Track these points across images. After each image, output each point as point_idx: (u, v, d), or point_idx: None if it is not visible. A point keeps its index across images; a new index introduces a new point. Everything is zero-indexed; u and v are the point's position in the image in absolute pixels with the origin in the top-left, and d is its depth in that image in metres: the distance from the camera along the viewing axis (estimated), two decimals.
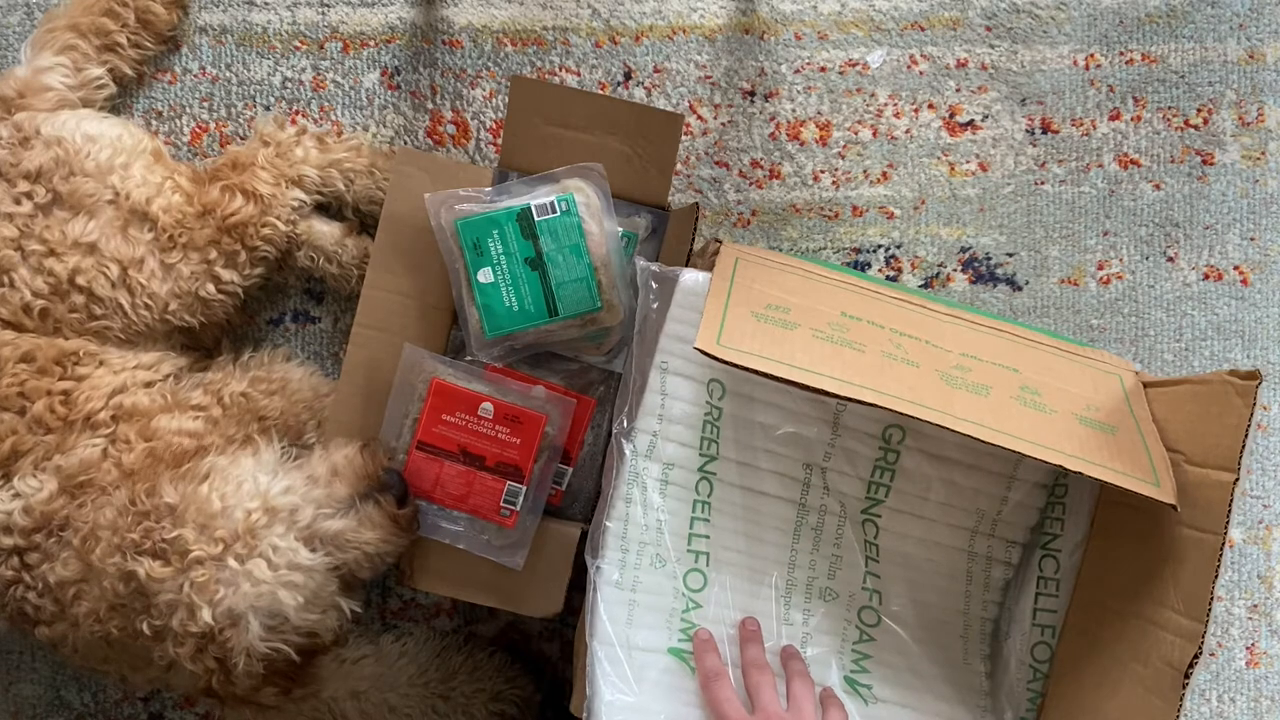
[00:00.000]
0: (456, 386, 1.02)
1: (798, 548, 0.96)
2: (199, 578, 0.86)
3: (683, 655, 0.92)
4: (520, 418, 1.02)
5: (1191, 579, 0.81)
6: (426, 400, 1.02)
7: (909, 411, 0.81)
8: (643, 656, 0.91)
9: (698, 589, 0.93)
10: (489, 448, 1.02)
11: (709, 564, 0.94)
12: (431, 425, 1.02)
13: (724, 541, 0.95)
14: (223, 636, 0.87)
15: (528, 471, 1.02)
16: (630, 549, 0.93)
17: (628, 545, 0.93)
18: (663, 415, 0.94)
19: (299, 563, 0.89)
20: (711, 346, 0.82)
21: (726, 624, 0.93)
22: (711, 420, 0.94)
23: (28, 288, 1.00)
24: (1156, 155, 1.26)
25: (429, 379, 1.02)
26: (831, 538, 0.96)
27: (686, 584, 0.93)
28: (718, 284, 0.90)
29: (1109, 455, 0.84)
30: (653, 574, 0.93)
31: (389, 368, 1.04)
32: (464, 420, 1.02)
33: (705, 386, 0.94)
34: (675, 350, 0.93)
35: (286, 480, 0.93)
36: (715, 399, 0.93)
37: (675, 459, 0.94)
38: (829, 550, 0.96)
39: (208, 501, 0.89)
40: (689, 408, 0.94)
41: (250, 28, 1.23)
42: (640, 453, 0.94)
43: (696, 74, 1.24)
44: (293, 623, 0.90)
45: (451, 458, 1.02)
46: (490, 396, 1.02)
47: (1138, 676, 0.84)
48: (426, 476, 1.02)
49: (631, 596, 0.92)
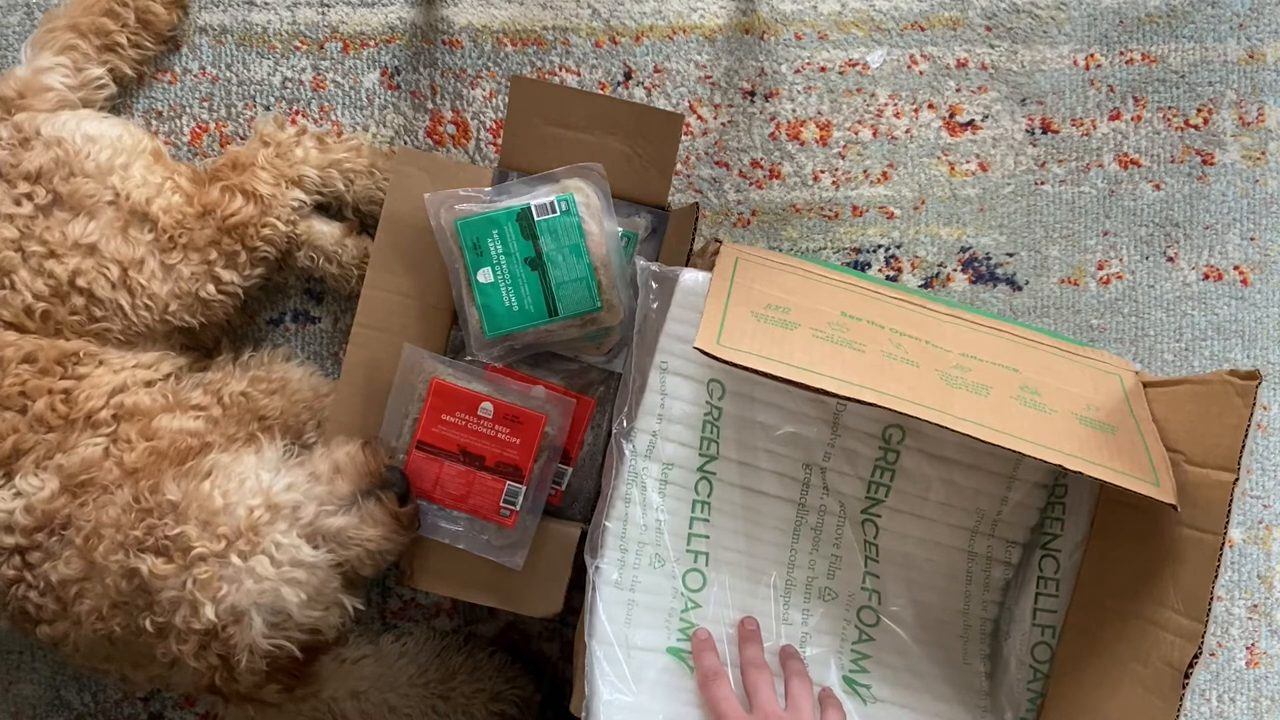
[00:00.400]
0: (456, 386, 1.02)
1: (797, 547, 0.96)
2: (202, 575, 0.86)
3: (681, 655, 0.92)
4: (520, 418, 1.02)
5: (1191, 579, 0.81)
6: (426, 400, 1.02)
7: (909, 411, 0.81)
8: (641, 656, 0.91)
9: (697, 589, 0.93)
10: (489, 448, 1.02)
11: (708, 564, 0.94)
12: (431, 425, 1.02)
13: (723, 541, 0.95)
14: (226, 634, 0.87)
15: (527, 471, 1.02)
16: (629, 549, 0.93)
17: (627, 545, 0.93)
18: (662, 415, 0.94)
19: (301, 559, 0.89)
20: (711, 346, 0.82)
21: (725, 623, 0.93)
22: (711, 420, 0.94)
23: (29, 290, 1.00)
24: (1156, 155, 1.26)
25: (429, 379, 1.02)
26: (831, 538, 0.96)
27: (685, 584, 0.93)
28: (718, 284, 0.90)
29: (1109, 455, 0.84)
30: (652, 574, 0.93)
31: (389, 368, 1.04)
32: (464, 420, 1.02)
33: (705, 386, 0.94)
34: (675, 350, 0.93)
35: (289, 477, 0.93)
36: (715, 399, 0.93)
37: (675, 459, 0.94)
38: (828, 550, 0.96)
39: (210, 498, 0.89)
40: (689, 407, 0.94)
41: (250, 28, 1.23)
42: (640, 453, 0.94)
43: (696, 74, 1.24)
44: (296, 620, 0.90)
45: (451, 458, 1.02)
46: (490, 396, 1.02)
47: (1138, 676, 0.84)
48: (426, 476, 1.02)
49: (630, 596, 0.92)
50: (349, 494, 0.94)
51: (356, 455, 0.96)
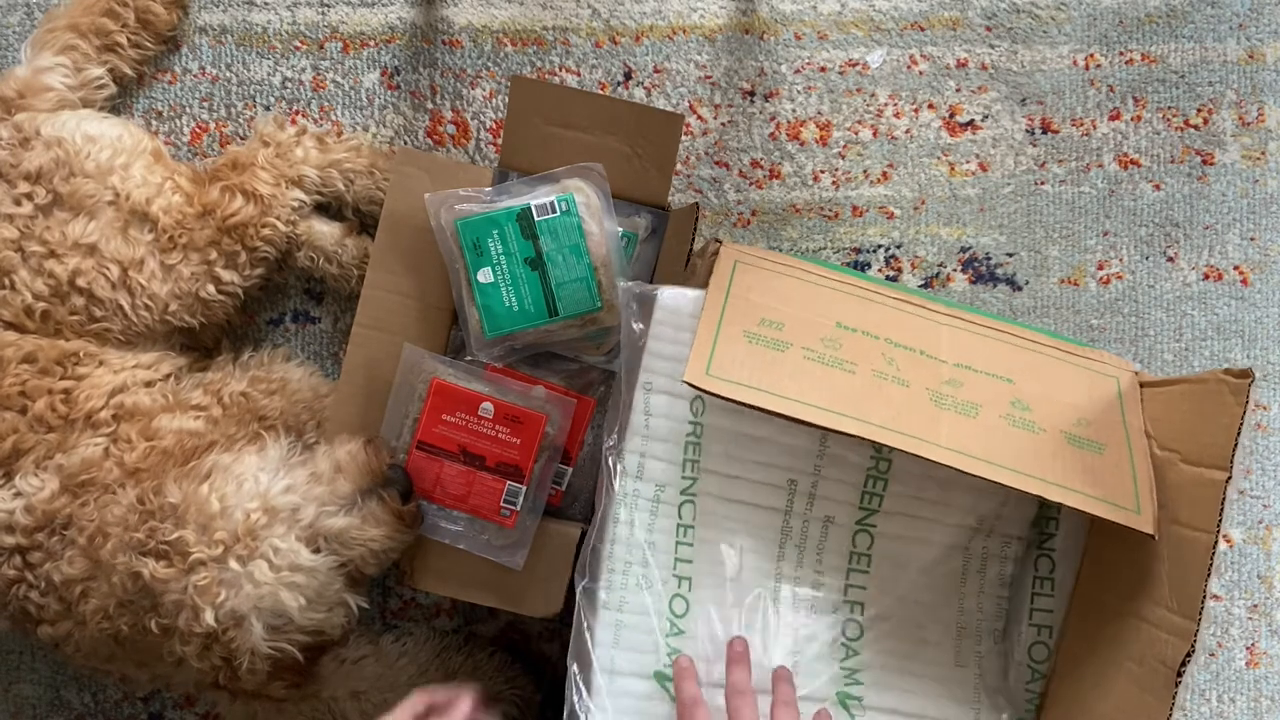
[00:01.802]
0: (457, 386, 1.02)
1: (784, 559, 0.95)
2: (200, 580, 0.86)
3: (665, 681, 0.91)
4: (520, 418, 1.02)
5: (1184, 577, 0.82)
6: (426, 400, 1.02)
7: (893, 443, 0.83)
8: (624, 682, 0.90)
9: (681, 614, 0.92)
10: (489, 447, 1.02)
11: (691, 588, 0.92)
12: (431, 425, 1.02)
13: (712, 556, 0.93)
14: (227, 637, 0.87)
15: (528, 471, 1.02)
16: (617, 569, 0.92)
17: (614, 565, 0.92)
18: (648, 435, 0.93)
19: (300, 563, 0.89)
20: (700, 379, 0.84)
21: (714, 642, 0.92)
22: (694, 440, 0.93)
23: (29, 290, 1.00)
24: (1156, 155, 1.26)
25: (429, 379, 1.03)
26: (818, 547, 0.95)
27: (671, 608, 0.92)
28: (713, 296, 0.90)
29: (1092, 480, 0.86)
30: (639, 595, 0.92)
31: (389, 368, 1.04)
32: (464, 420, 1.02)
33: (689, 404, 0.93)
34: (657, 369, 0.93)
35: (288, 479, 0.93)
36: (698, 415, 0.93)
37: (663, 479, 0.93)
38: (816, 559, 0.95)
39: (208, 502, 0.89)
40: (674, 426, 0.93)
41: (250, 28, 1.23)
42: (630, 473, 0.93)
43: (696, 74, 1.24)
44: (297, 622, 0.90)
45: (451, 458, 1.02)
46: (490, 396, 1.02)
47: (1133, 675, 0.84)
48: (426, 476, 1.02)
49: (619, 617, 0.91)
50: (351, 493, 0.94)
51: (358, 454, 0.96)
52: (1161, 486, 0.87)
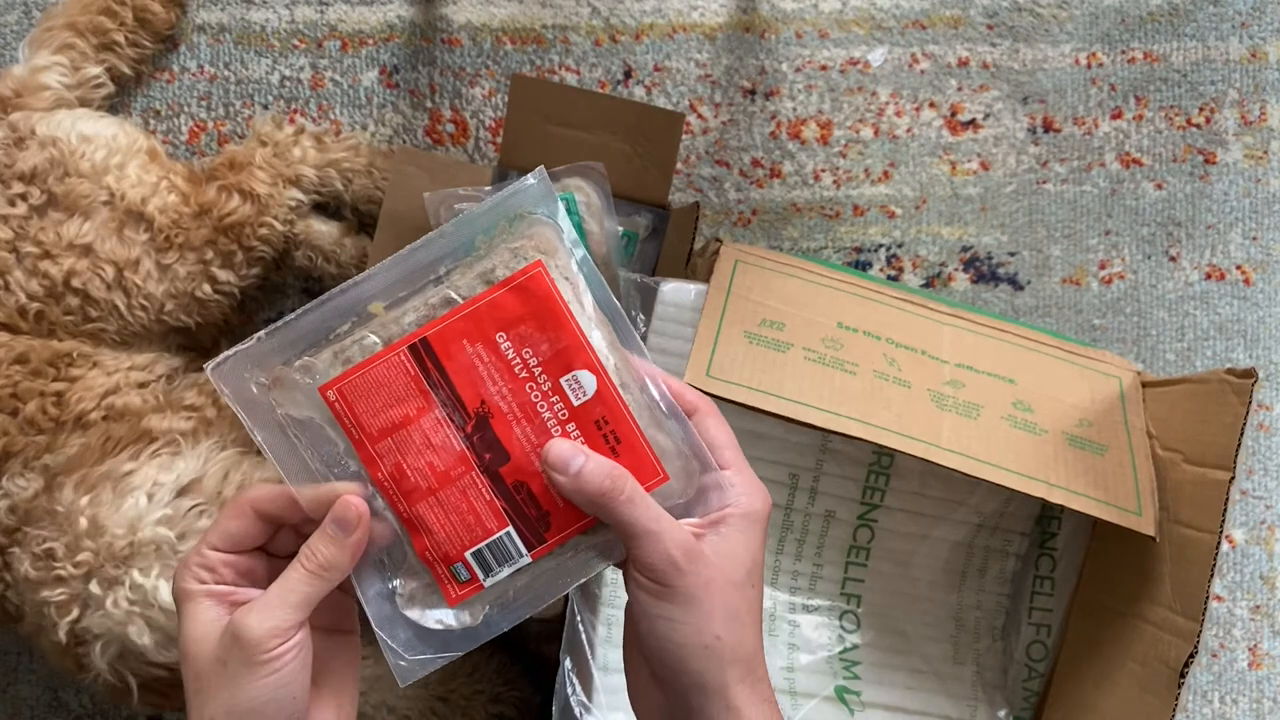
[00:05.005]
0: None
1: (784, 552, 0.95)
2: (58, 596, 0.85)
3: None
4: None
5: (1187, 578, 0.82)
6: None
7: (894, 445, 0.83)
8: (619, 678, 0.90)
9: None
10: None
11: None
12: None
13: None
14: (78, 652, 0.86)
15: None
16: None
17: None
18: None
19: (158, 602, 0.84)
20: (701, 380, 0.84)
21: None
22: None
23: (23, 290, 0.99)
24: (1158, 154, 1.25)
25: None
26: (818, 541, 0.95)
27: None
28: (714, 296, 0.90)
29: (1094, 482, 0.86)
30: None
31: None
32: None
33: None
34: (659, 363, 0.93)
35: (171, 507, 0.88)
36: None
37: None
38: (815, 553, 0.95)
39: (79, 519, 0.86)
40: None
41: (248, 26, 1.22)
42: None
43: (697, 72, 1.23)
44: (150, 659, 0.86)
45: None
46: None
47: (1134, 676, 0.84)
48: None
49: (614, 614, 0.91)
50: None
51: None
52: (1164, 487, 0.87)
